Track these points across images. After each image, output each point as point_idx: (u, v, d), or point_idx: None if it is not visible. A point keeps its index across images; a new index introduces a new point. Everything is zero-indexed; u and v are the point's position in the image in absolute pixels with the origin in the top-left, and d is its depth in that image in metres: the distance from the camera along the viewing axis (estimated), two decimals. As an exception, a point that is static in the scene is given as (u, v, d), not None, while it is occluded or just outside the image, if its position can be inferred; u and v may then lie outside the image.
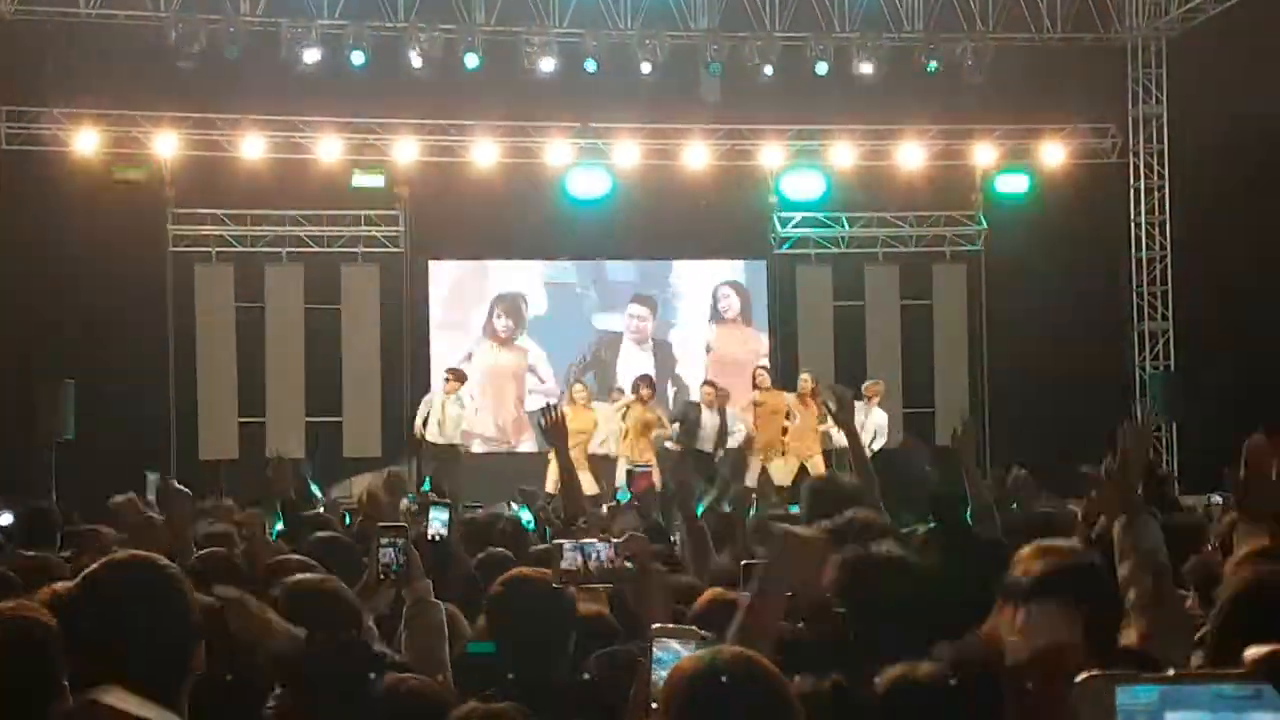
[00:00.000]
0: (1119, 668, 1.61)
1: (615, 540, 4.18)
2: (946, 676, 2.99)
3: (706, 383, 18.52)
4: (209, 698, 3.22)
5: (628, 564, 4.09)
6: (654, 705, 3.07)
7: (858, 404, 16.86)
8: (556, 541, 4.25)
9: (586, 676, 4.08)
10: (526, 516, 10.59)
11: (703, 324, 20.82)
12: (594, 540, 4.18)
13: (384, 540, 4.74)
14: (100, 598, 3.14)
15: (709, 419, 17.68)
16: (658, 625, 3.31)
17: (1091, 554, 4.07)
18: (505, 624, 4.26)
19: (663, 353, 20.66)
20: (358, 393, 19.74)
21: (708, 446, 17.63)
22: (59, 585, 3.81)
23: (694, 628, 3.27)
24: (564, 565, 4.09)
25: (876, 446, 16.68)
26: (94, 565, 3.27)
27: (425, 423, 17.88)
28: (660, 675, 3.07)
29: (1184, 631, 4.16)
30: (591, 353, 20.49)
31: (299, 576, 4.36)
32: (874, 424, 17.25)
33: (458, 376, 18.12)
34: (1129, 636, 4.05)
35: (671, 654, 3.11)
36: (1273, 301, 18.37)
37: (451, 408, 17.85)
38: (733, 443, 17.76)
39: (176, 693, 3.09)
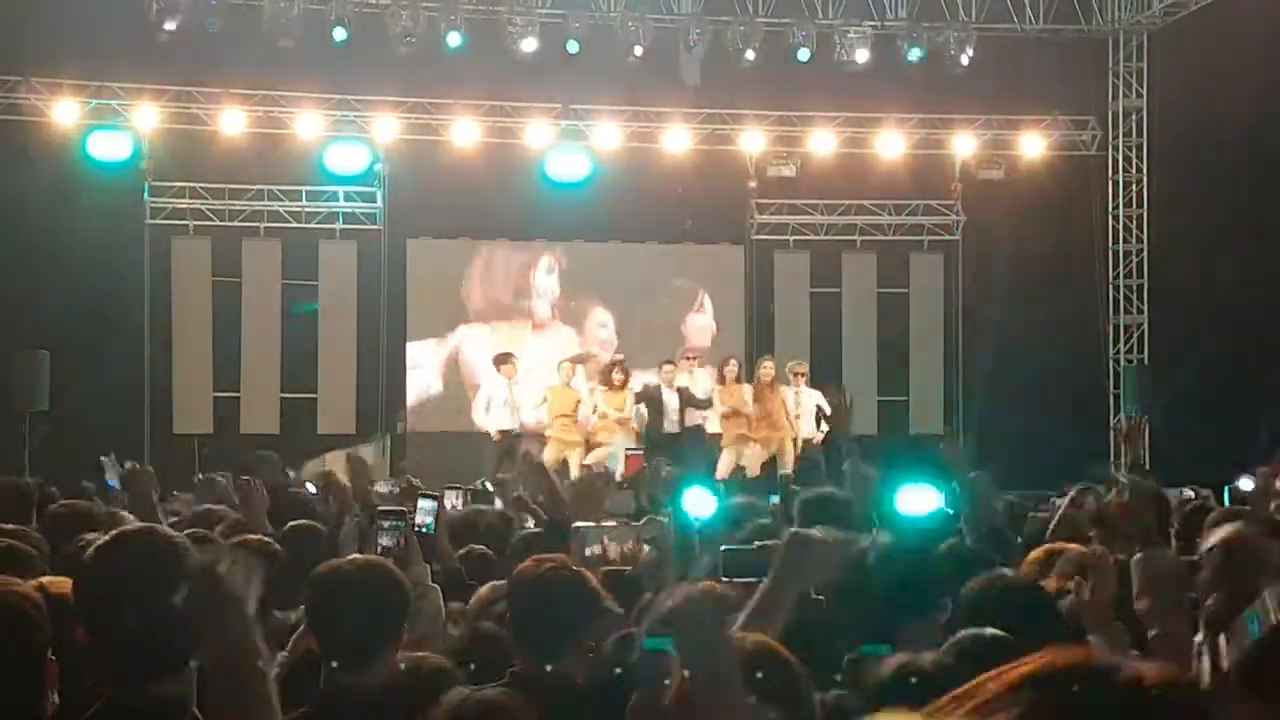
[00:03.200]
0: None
1: (637, 524, 4.19)
2: None
3: (667, 362, 18.28)
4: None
5: (646, 547, 4.09)
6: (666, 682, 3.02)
7: (786, 387, 17.00)
8: (577, 525, 4.21)
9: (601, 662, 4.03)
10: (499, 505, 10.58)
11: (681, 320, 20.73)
12: (616, 525, 4.17)
13: (385, 524, 4.78)
14: (113, 570, 3.14)
15: (669, 399, 17.59)
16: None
17: None
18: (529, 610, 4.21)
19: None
20: (333, 370, 19.69)
21: (675, 428, 17.52)
22: (49, 580, 3.85)
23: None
24: (587, 552, 4.06)
25: (824, 427, 16.50)
26: (104, 538, 3.27)
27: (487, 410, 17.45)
28: None
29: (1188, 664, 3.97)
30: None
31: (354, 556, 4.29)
32: (809, 405, 17.05)
33: (510, 360, 17.60)
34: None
35: None
36: (1248, 297, 18.44)
37: (506, 392, 17.32)
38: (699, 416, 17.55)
39: (186, 666, 3.07)
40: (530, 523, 7.25)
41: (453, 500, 8.45)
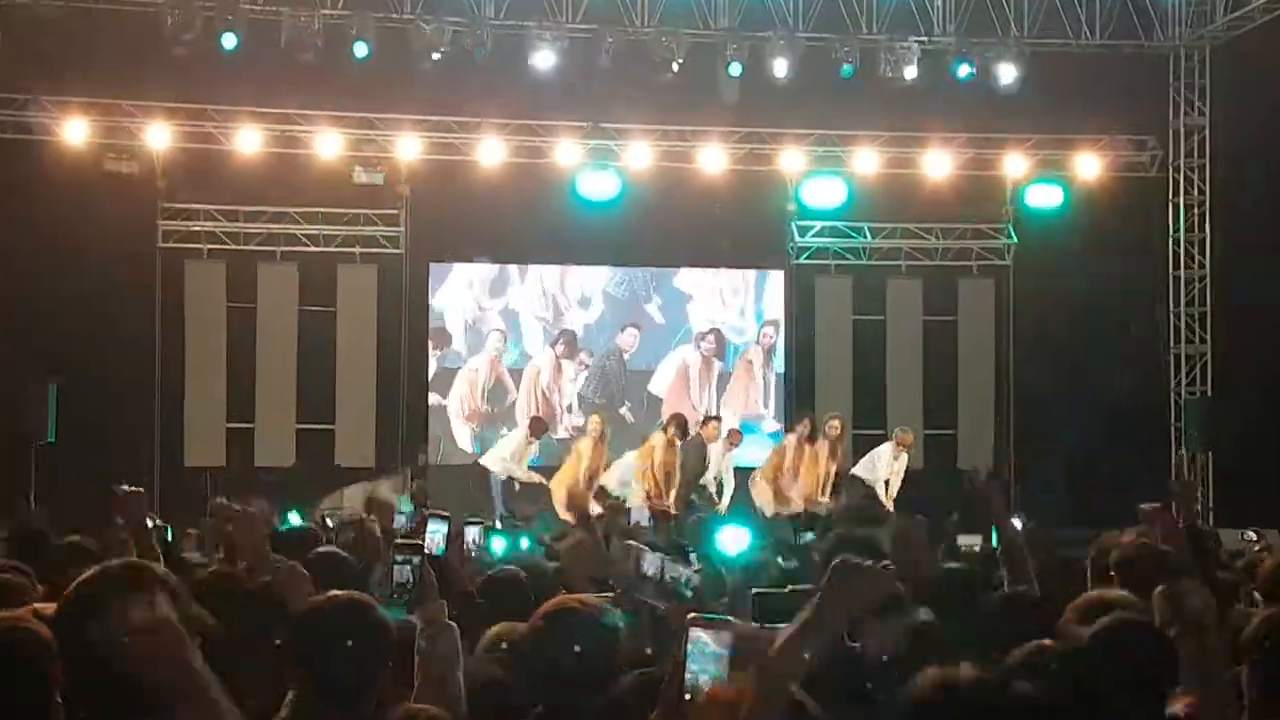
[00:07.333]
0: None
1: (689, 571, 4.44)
2: None
3: (713, 418, 17.92)
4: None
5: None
6: (688, 697, 3.13)
7: (885, 448, 17.28)
8: (633, 544, 4.52)
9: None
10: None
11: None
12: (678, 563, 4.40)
13: (399, 558, 4.61)
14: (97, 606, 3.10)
15: (714, 454, 17.27)
16: (691, 615, 3.30)
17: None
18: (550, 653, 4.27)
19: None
20: (352, 400, 19.11)
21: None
22: (40, 605, 3.84)
23: (729, 618, 3.28)
24: (642, 570, 4.37)
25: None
26: (88, 573, 3.24)
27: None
28: (693, 667, 3.15)
29: (1231, 702, 4.13)
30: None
31: (334, 593, 4.26)
32: (901, 469, 17.23)
33: (543, 430, 17.58)
34: (1176, 705, 4.06)
35: (704, 645, 3.16)
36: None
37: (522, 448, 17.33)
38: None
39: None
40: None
41: (473, 535, 8.12)
